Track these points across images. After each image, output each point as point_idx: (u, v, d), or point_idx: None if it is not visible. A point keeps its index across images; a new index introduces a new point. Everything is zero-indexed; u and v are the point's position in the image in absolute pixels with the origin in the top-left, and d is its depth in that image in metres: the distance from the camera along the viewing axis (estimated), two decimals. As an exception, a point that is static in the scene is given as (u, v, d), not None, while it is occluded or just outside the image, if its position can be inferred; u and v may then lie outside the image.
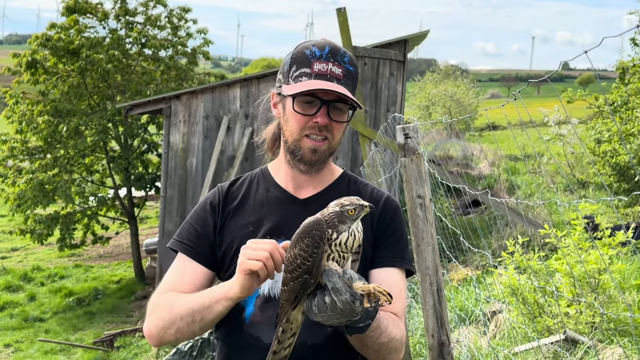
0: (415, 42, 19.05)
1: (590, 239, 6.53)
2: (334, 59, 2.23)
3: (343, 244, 1.91)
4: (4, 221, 28.05)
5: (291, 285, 1.93)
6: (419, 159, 3.86)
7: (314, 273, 1.89)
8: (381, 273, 2.29)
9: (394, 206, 2.39)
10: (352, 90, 2.25)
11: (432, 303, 3.95)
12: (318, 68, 2.22)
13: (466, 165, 21.74)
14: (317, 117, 2.22)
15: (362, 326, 1.93)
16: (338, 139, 2.30)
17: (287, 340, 2.03)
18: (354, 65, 2.27)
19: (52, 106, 18.81)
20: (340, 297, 1.82)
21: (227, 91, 15.30)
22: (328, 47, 2.24)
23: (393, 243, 2.33)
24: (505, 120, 39.35)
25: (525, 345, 5.67)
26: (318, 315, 1.88)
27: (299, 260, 1.90)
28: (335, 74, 2.22)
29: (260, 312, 2.28)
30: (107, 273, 21.56)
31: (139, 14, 20.83)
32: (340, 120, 2.26)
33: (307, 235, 1.90)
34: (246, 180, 2.49)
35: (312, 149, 2.26)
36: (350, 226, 1.92)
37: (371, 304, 1.85)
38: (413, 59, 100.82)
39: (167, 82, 20.80)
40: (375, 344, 2.09)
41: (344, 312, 1.83)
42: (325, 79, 2.21)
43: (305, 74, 2.22)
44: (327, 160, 2.36)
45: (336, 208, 1.92)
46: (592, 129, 15.39)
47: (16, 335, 15.82)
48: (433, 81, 39.44)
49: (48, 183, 18.33)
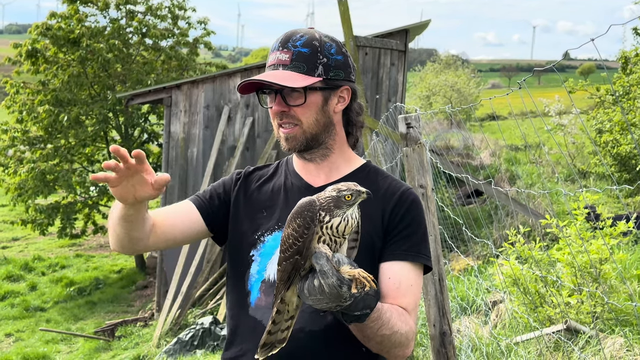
0: (416, 32, 19.02)
1: (592, 228, 6.53)
2: (282, 47, 2.24)
3: (335, 227, 1.90)
4: (4, 211, 28.06)
5: (284, 265, 1.94)
6: (421, 149, 3.85)
7: (304, 254, 1.90)
8: (392, 266, 2.24)
9: (410, 199, 2.33)
10: (309, 71, 2.23)
11: (434, 293, 3.96)
12: (270, 60, 2.27)
13: (467, 155, 21.73)
14: (273, 106, 2.27)
15: (359, 315, 1.90)
16: (312, 122, 2.27)
17: (284, 322, 2.03)
18: (311, 46, 2.23)
19: (53, 96, 18.78)
20: (326, 280, 1.81)
21: (228, 81, 15.27)
22: (282, 37, 2.26)
23: (406, 236, 2.27)
24: (505, 110, 39.36)
25: (527, 334, 5.67)
26: (309, 298, 1.87)
27: (290, 240, 1.91)
28: (282, 60, 2.23)
29: (264, 297, 2.28)
30: (108, 263, 21.57)
31: (140, 4, 20.78)
32: (296, 103, 2.25)
33: (299, 216, 1.91)
34: (272, 167, 2.52)
35: (285, 137, 2.29)
36: (346, 212, 1.92)
37: (358, 289, 1.83)
38: (414, 49, 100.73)
39: (167, 71, 20.78)
40: (377, 336, 2.06)
41: (331, 296, 1.81)
42: (273, 69, 2.24)
43: (266, 69, 2.29)
44: (320, 145, 2.34)
45: (333, 193, 1.92)
46: (594, 119, 15.37)
47: (17, 325, 15.84)
48: (434, 71, 39.34)
49: (49, 173, 18.32)
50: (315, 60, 2.24)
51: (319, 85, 2.24)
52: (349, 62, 2.32)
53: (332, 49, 2.26)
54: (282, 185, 2.42)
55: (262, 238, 2.33)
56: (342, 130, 2.38)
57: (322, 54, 2.24)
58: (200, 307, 13.36)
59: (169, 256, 14.88)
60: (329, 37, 2.30)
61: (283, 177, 2.44)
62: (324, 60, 2.25)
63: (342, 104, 2.34)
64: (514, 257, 6.09)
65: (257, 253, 2.33)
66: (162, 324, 12.70)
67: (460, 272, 9.92)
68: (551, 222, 5.76)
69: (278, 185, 2.42)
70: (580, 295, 5.57)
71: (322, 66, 2.24)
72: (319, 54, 2.24)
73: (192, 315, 13.01)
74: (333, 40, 2.29)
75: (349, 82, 2.31)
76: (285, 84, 2.16)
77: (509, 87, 59.34)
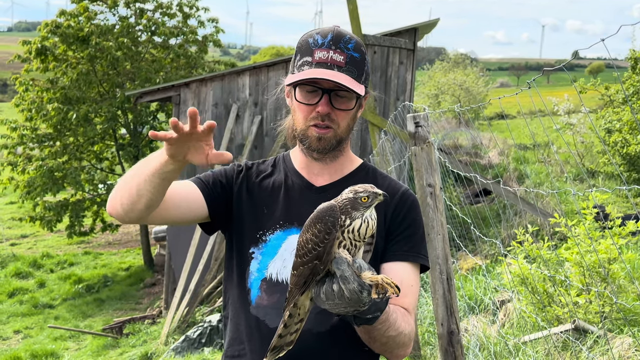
0: (425, 31, 18.99)
1: (601, 228, 6.51)
2: (335, 46, 2.20)
3: (356, 231, 1.89)
4: (13, 208, 28.17)
5: (301, 270, 1.93)
6: (429, 148, 3.85)
7: (324, 259, 1.88)
8: (393, 267, 2.26)
9: (410, 200, 2.36)
10: (358, 77, 2.22)
11: (442, 292, 3.95)
12: (319, 56, 2.20)
13: (475, 154, 21.68)
14: (318, 106, 2.21)
15: (370, 317, 1.92)
16: (345, 127, 2.28)
17: (294, 325, 2.02)
18: (360, 52, 2.23)
19: (62, 93, 18.84)
20: (348, 286, 1.81)
21: (237, 79, 15.28)
22: (331, 35, 2.21)
23: (407, 237, 2.30)
24: (514, 109, 39.24)
25: (535, 334, 5.67)
26: (325, 302, 1.87)
27: (310, 245, 1.90)
28: (337, 61, 2.19)
29: (266, 296, 2.28)
30: (116, 260, 21.64)
31: (149, 2, 20.82)
32: (344, 107, 2.24)
33: (319, 221, 1.90)
34: (269, 163, 2.50)
35: (318, 137, 2.25)
36: (364, 213, 1.90)
37: (379, 295, 1.83)
38: (422, 48, 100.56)
39: (176, 69, 20.80)
40: (383, 337, 2.08)
41: (351, 301, 1.81)
42: (326, 67, 2.19)
43: (307, 63, 2.21)
44: (340, 148, 2.34)
45: (350, 194, 1.91)
46: (602, 118, 15.32)
47: (26, 322, 15.91)
48: (442, 70, 39.24)
49: (57, 170, 18.37)
50: (363, 67, 2.25)
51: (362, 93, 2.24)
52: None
53: (366, 56, 2.28)
54: (283, 183, 2.40)
55: (264, 237, 2.32)
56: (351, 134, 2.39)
57: (366, 62, 2.26)
58: (208, 305, 13.37)
59: (177, 254, 14.90)
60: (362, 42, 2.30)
61: (283, 175, 2.43)
62: (366, 68, 2.26)
63: (361, 111, 2.35)
64: (522, 257, 6.09)
65: (257, 251, 2.33)
66: (170, 322, 12.71)
67: (468, 271, 9.91)
68: (560, 222, 5.74)
69: (278, 183, 2.41)
70: (588, 295, 5.56)
71: (365, 73, 2.25)
72: (365, 61, 2.25)
73: (200, 313, 13.02)
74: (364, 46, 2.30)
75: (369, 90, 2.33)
76: (352, 87, 2.16)
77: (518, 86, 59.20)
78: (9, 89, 64.73)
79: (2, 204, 29.82)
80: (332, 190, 2.24)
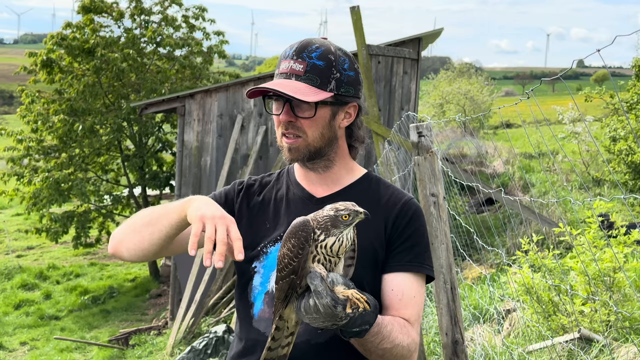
0: (429, 40, 19.03)
1: (605, 237, 6.50)
2: (297, 56, 2.20)
3: (328, 247, 1.90)
4: (19, 220, 28.23)
5: (281, 284, 1.94)
6: (432, 157, 3.86)
7: (299, 274, 1.89)
8: (395, 278, 2.24)
9: (413, 209, 2.32)
10: (322, 85, 2.20)
11: (446, 301, 3.96)
12: (282, 67, 2.22)
13: (480, 164, 21.67)
14: (281, 115, 2.23)
15: (358, 331, 1.91)
16: (317, 136, 2.25)
17: (285, 338, 2.03)
18: (326, 59, 2.20)
19: (68, 105, 18.91)
20: (321, 300, 1.81)
21: (242, 90, 15.32)
22: (297, 45, 2.22)
23: (409, 247, 2.27)
24: (519, 118, 39.24)
25: (540, 343, 5.66)
26: (305, 316, 1.87)
27: (286, 260, 1.91)
28: (296, 70, 2.19)
29: (268, 309, 2.28)
30: (122, 271, 21.66)
31: (155, 14, 20.89)
32: (305, 115, 2.21)
33: (293, 236, 1.91)
34: (274, 177, 2.50)
35: (288, 147, 2.26)
36: (342, 231, 1.91)
37: (352, 309, 1.83)
38: (427, 57, 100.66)
39: (181, 81, 20.86)
40: (378, 349, 2.06)
41: (327, 316, 1.81)
42: (285, 77, 2.21)
43: (276, 75, 2.25)
44: (324, 158, 2.33)
45: (330, 212, 1.92)
46: (607, 126, 15.31)
47: (32, 333, 15.92)
48: (447, 79, 39.28)
49: (63, 181, 18.42)
50: (329, 74, 2.21)
51: (330, 100, 2.22)
52: (359, 79, 2.31)
53: (345, 64, 2.24)
54: (284, 195, 2.40)
55: (265, 249, 2.33)
56: (344, 144, 2.39)
57: (336, 69, 2.22)
58: (214, 316, 13.38)
59: (182, 265, 14.92)
60: (343, 50, 2.27)
61: (285, 188, 2.43)
62: (337, 75, 2.22)
63: (348, 120, 2.32)
64: (527, 266, 6.08)
65: (259, 265, 2.33)
66: (176, 333, 12.72)
67: (472, 280, 9.90)
68: (564, 231, 5.74)
69: (280, 195, 2.41)
70: (593, 304, 5.55)
71: (335, 81, 2.22)
72: (333, 68, 2.21)
73: (206, 324, 13.03)
74: (347, 54, 2.27)
75: (357, 99, 2.30)
76: (297, 96, 2.13)
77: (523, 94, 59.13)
78: (15, 101, 64.90)
79: (9, 215, 29.88)
80: (332, 201, 2.25)
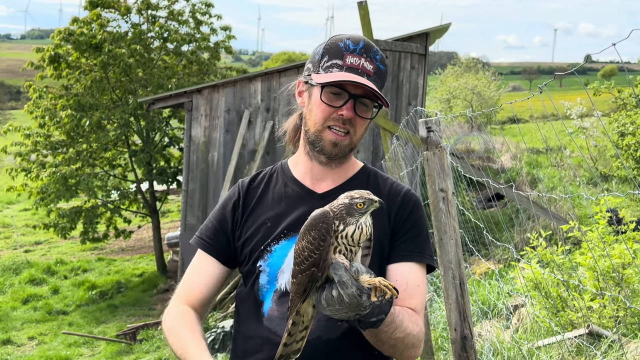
0: (437, 35, 18.98)
1: (614, 232, 6.48)
2: (366, 55, 2.23)
3: (349, 236, 1.90)
4: (27, 215, 28.30)
5: (299, 278, 1.93)
6: (441, 153, 3.84)
7: (321, 266, 1.88)
8: (399, 268, 2.27)
9: (413, 200, 2.36)
10: (380, 88, 2.25)
11: (455, 297, 3.94)
12: (350, 61, 2.22)
13: (488, 159, 21.63)
14: (343, 109, 2.21)
15: (374, 321, 1.91)
16: (360, 135, 2.29)
17: (299, 333, 2.02)
18: (385, 65, 2.27)
19: (75, 100, 18.90)
20: (346, 291, 1.81)
21: (249, 85, 15.32)
22: (362, 43, 2.24)
23: (411, 237, 2.30)
24: (527, 113, 39.10)
25: (549, 339, 5.64)
26: (327, 309, 1.87)
27: (306, 253, 1.90)
28: (367, 69, 2.22)
29: (277, 307, 2.28)
30: (130, 266, 21.69)
31: (162, 9, 20.88)
32: (365, 116, 2.25)
33: (313, 228, 1.90)
34: (266, 175, 2.49)
35: (333, 142, 2.25)
36: (359, 220, 1.91)
37: (378, 297, 1.83)
38: (434, 52, 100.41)
39: (188, 76, 20.85)
40: (391, 339, 2.08)
41: (351, 306, 1.81)
42: (356, 73, 2.20)
43: (337, 66, 2.22)
44: (348, 155, 2.35)
45: (345, 200, 1.91)
46: (616, 121, 15.25)
47: (40, 328, 15.95)
48: (454, 74, 39.15)
49: (71, 177, 18.43)
50: (385, 79, 2.30)
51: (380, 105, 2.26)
52: None
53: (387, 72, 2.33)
54: (283, 193, 2.40)
55: (269, 247, 2.32)
56: None
57: (387, 76, 2.31)
58: (221, 311, 13.39)
59: (190, 260, 14.88)
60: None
61: (282, 185, 2.42)
62: (385, 82, 2.32)
63: None
64: (536, 261, 6.07)
65: (264, 263, 2.32)
66: (183, 328, 12.71)
67: (481, 276, 9.88)
68: (573, 226, 5.72)
69: (278, 193, 2.41)
70: (602, 300, 5.53)
71: (384, 87, 2.30)
72: (387, 75, 2.30)
73: (213, 319, 13.04)
74: None
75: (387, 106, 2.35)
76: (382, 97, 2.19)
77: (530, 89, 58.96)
78: (23, 96, 64.99)
79: (16, 210, 29.96)
80: (334, 196, 2.24)
